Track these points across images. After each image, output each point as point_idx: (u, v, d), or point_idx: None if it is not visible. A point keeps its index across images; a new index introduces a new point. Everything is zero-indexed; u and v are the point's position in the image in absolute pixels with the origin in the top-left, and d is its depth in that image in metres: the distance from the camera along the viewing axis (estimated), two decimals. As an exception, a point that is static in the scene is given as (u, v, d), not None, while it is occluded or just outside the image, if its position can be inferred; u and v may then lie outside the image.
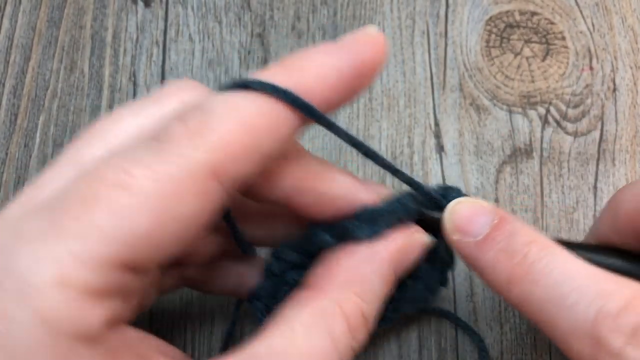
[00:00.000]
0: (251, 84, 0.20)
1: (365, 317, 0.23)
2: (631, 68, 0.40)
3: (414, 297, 0.29)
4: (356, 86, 0.22)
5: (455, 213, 0.25)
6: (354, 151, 0.25)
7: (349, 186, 0.25)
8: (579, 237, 0.36)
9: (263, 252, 0.29)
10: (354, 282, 0.24)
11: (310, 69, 0.21)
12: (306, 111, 0.20)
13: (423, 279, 0.28)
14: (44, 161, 0.38)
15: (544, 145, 0.38)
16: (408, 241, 0.25)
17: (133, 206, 0.18)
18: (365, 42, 0.22)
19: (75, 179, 0.19)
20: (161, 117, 0.21)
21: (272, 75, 0.20)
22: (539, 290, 0.22)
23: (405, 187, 0.26)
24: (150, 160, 0.18)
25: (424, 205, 0.26)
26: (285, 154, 0.23)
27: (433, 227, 0.26)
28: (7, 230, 0.19)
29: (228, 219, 0.26)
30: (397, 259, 0.25)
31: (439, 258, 0.28)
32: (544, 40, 0.40)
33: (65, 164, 0.22)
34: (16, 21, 0.41)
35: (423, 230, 0.26)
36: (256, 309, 0.27)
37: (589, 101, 0.39)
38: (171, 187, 0.18)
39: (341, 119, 0.39)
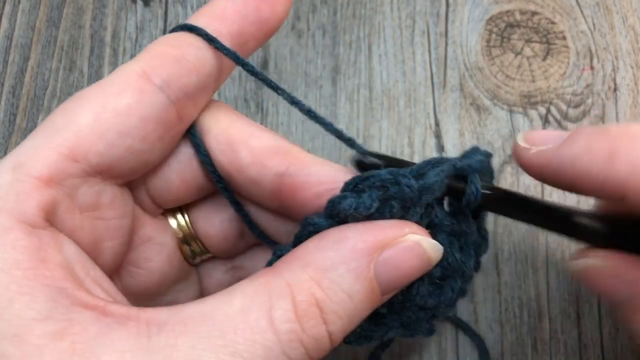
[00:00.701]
0: (188, 28, 0.25)
1: (320, 307, 0.20)
2: (632, 68, 0.40)
3: (450, 297, 0.25)
4: (256, 39, 0.25)
5: (528, 133, 0.24)
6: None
7: (337, 169, 0.24)
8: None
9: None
10: (312, 265, 0.21)
11: (210, 12, 0.25)
12: (208, 41, 0.24)
13: (457, 273, 0.24)
14: (43, 161, 0.38)
15: (545, 145, 0.38)
16: (397, 237, 0.22)
17: (79, 104, 0.22)
18: None
19: None
20: None
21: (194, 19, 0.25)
22: None
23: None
24: (100, 81, 0.23)
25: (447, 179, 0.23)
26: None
27: (461, 208, 0.24)
28: None
29: (238, 207, 0.26)
30: (384, 262, 0.21)
31: (473, 241, 0.25)
32: (544, 39, 0.40)
33: None
34: (15, 21, 0.41)
35: (424, 231, 0.23)
36: None
37: (589, 101, 0.39)
38: (111, 89, 0.23)
39: (341, 119, 0.39)
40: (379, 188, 0.22)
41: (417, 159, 0.38)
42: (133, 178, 0.25)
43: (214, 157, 0.25)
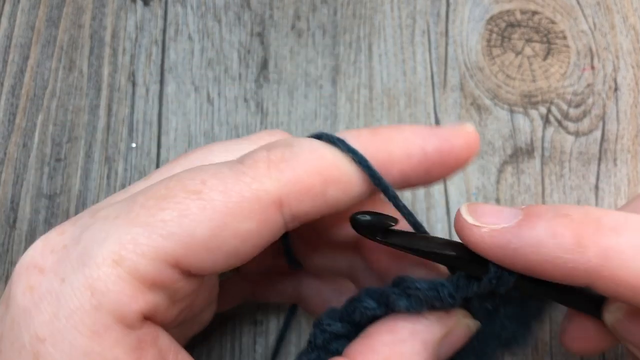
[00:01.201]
0: (336, 141, 0.22)
1: None
2: (633, 67, 0.39)
3: None
4: (435, 173, 0.23)
5: (473, 207, 0.22)
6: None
7: None
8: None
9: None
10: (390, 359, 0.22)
11: (396, 141, 0.22)
12: (374, 179, 0.22)
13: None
14: (43, 160, 0.38)
15: (545, 145, 0.38)
16: (454, 325, 0.24)
17: (199, 212, 0.20)
18: (457, 134, 0.23)
19: (159, 181, 0.21)
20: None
21: (358, 135, 0.22)
22: (624, 238, 0.19)
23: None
24: (227, 176, 0.20)
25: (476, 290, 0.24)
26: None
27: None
28: (90, 212, 0.21)
29: (284, 237, 0.27)
30: (442, 344, 0.23)
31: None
32: (545, 39, 0.40)
33: (155, 176, 0.23)
34: (15, 20, 0.41)
35: (470, 315, 0.25)
36: None
37: (590, 101, 0.39)
38: (238, 205, 0.20)
39: (341, 118, 0.39)
40: (423, 296, 0.23)
41: (417, 159, 0.38)
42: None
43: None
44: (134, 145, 0.38)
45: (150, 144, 0.38)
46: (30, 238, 0.37)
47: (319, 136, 0.23)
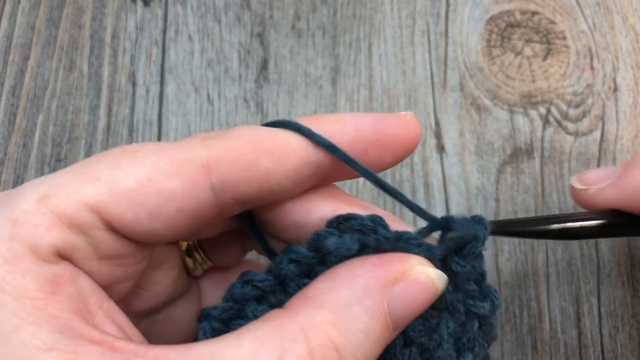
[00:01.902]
0: (278, 123, 0.23)
1: (338, 351, 0.20)
2: (632, 68, 0.40)
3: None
4: (376, 154, 0.23)
5: (582, 174, 0.27)
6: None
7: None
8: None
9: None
10: (326, 306, 0.20)
11: (329, 120, 0.23)
12: (314, 139, 0.22)
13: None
14: (43, 161, 0.38)
15: (545, 145, 0.38)
16: (406, 272, 0.21)
17: (128, 166, 0.21)
18: (394, 116, 0.24)
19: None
20: None
21: (297, 120, 0.23)
22: None
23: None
24: (164, 145, 0.22)
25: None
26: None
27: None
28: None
29: (251, 224, 0.26)
30: (396, 297, 0.21)
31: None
32: (544, 39, 0.40)
33: None
34: (15, 21, 0.41)
35: (428, 262, 0.22)
36: (203, 330, 0.24)
37: (589, 101, 0.39)
38: (167, 164, 0.21)
39: (341, 118, 0.39)
40: (359, 232, 0.22)
41: (417, 159, 0.38)
42: (153, 245, 0.24)
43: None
44: (134, 145, 0.38)
45: (151, 144, 0.39)
46: (31, 238, 0.37)
47: (266, 124, 0.24)
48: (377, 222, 0.23)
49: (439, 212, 0.37)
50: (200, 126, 0.39)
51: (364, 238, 0.22)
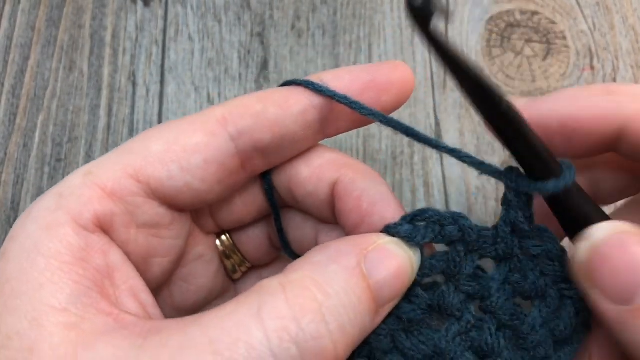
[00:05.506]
0: (281, 85, 0.26)
1: (318, 302, 0.20)
2: (632, 68, 0.40)
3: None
4: (376, 95, 0.25)
5: (604, 264, 0.21)
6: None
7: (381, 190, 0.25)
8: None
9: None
10: (304, 268, 0.21)
11: (326, 73, 0.26)
12: (312, 87, 0.24)
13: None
14: (43, 161, 0.38)
15: (545, 145, 0.38)
16: (377, 242, 0.22)
17: (157, 133, 0.24)
18: (385, 63, 0.26)
19: None
20: None
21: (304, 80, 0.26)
22: None
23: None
24: (186, 116, 0.25)
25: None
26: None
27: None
28: None
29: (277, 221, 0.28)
30: (371, 261, 0.22)
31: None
32: (544, 39, 0.40)
33: None
34: (15, 21, 0.41)
35: (387, 237, 0.23)
36: None
37: (590, 101, 0.39)
38: (189, 125, 0.24)
39: (341, 118, 0.39)
40: (436, 223, 0.24)
41: (417, 159, 0.38)
42: (190, 209, 0.26)
43: (275, 175, 0.27)
44: (134, 145, 0.39)
45: (151, 144, 0.39)
46: (31, 238, 0.37)
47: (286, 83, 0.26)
48: (457, 216, 0.24)
49: (439, 212, 0.37)
50: (201, 126, 0.39)
51: (440, 229, 0.24)
